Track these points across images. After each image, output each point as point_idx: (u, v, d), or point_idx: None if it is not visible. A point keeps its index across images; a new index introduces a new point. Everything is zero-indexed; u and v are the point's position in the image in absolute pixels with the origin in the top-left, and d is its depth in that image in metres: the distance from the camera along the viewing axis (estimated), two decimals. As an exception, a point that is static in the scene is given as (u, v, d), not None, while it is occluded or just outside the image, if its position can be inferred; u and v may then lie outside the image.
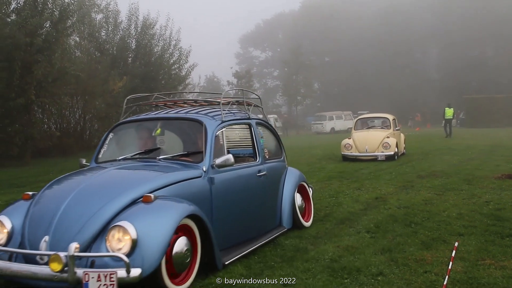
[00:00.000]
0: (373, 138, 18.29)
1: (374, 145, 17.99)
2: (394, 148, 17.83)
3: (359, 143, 18.30)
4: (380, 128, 19.76)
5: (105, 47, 33.10)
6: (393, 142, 17.96)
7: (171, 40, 36.50)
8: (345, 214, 8.53)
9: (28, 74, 20.58)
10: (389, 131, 18.88)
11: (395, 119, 20.01)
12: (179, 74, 36.81)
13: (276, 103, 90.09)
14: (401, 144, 19.80)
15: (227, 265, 5.63)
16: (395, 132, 19.14)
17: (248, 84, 62.72)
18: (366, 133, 19.01)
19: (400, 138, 19.92)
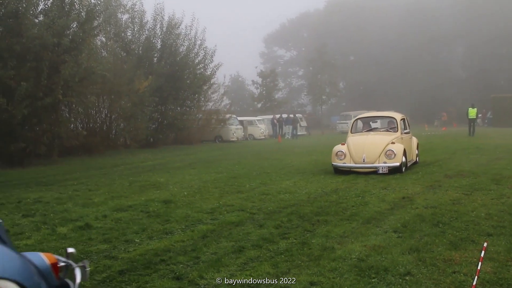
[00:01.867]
0: (373, 144, 14.68)
1: (374, 154, 14.31)
2: (401, 157, 14.16)
3: (355, 150, 14.52)
4: (384, 130, 16.17)
5: (131, 47, 33.35)
6: (399, 149, 14.31)
7: (196, 40, 36.68)
8: (371, 214, 8.46)
9: (55, 74, 20.79)
10: (395, 134, 15.22)
11: (404, 119, 16.51)
12: (204, 73, 36.94)
13: (301, 102, 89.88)
14: (412, 151, 16.25)
15: (254, 264, 5.63)
16: (404, 136, 15.63)
17: (272, 83, 62.70)
18: (365, 138, 15.28)
19: (411, 143, 16.43)
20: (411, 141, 16.38)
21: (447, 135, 37.54)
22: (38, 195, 11.54)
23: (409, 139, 16.14)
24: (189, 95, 36.30)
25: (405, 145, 15.03)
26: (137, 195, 11.24)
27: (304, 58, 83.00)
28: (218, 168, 16.95)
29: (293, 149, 27.46)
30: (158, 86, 31.49)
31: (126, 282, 5.21)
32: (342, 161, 14.43)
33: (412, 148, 16.39)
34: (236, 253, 6.21)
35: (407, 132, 16.19)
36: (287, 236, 7.04)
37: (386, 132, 15.75)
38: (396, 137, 15.06)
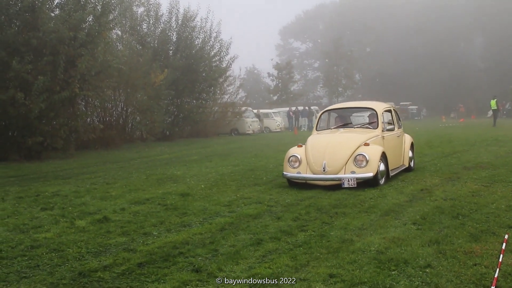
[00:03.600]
0: (339, 147, 10.90)
1: (338, 160, 10.59)
2: (376, 165, 10.40)
3: (313, 155, 10.83)
4: (359, 127, 12.24)
5: (146, 40, 33.43)
6: (374, 153, 10.55)
7: (212, 32, 36.67)
8: (390, 206, 8.40)
9: (72, 68, 20.87)
10: (373, 132, 11.51)
11: (391, 111, 12.79)
12: (219, 66, 36.96)
13: (317, 94, 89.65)
14: (401, 153, 12.60)
15: (272, 256, 5.62)
16: (387, 135, 11.86)
17: (288, 75, 62.56)
18: (330, 138, 11.50)
19: (401, 144, 12.74)
20: (399, 141, 12.64)
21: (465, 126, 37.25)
22: (56, 189, 11.61)
23: (395, 138, 12.31)
24: (204, 88, 36.33)
25: (388, 147, 11.43)
26: (154, 188, 11.26)
27: (320, 50, 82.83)
28: (235, 161, 16.94)
29: (309, 141, 27.31)
30: (174, 79, 31.55)
31: (145, 274, 5.22)
32: (296, 169, 10.76)
33: (402, 150, 12.69)
34: (254, 245, 6.19)
35: (391, 128, 12.35)
36: (305, 228, 7.01)
37: (362, 129, 11.94)
38: (374, 136, 11.30)
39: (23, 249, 6.34)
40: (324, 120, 13.11)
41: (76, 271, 5.38)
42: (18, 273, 5.45)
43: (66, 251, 6.20)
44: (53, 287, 4.96)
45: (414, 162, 13.39)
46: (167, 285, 4.88)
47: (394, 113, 12.79)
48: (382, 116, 11.88)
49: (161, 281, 4.99)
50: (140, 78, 27.95)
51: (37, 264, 5.72)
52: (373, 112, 12.13)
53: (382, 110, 12.10)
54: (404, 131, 13.49)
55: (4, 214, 8.77)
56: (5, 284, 5.12)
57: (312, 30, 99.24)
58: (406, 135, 13.39)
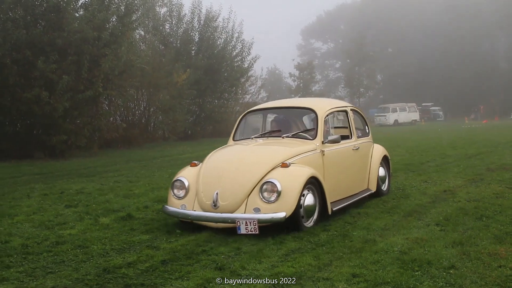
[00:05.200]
0: (242, 170, 7.25)
1: (236, 191, 7.00)
2: (294, 199, 6.79)
3: (204, 181, 7.32)
4: (290, 137, 8.27)
5: (169, 40, 33.67)
6: (291, 181, 6.94)
7: (234, 33, 36.77)
8: (412, 207, 8.37)
9: (95, 67, 21.08)
10: (306, 145, 7.89)
11: (348, 112, 9.18)
12: (241, 66, 37.04)
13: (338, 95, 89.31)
14: (365, 174, 9.28)
15: (295, 255, 5.65)
16: (329, 150, 8.09)
17: (310, 76, 62.48)
18: (234, 154, 7.85)
19: (367, 159, 9.43)
20: (360, 156, 9.11)
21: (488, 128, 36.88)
22: (80, 186, 11.74)
23: (349, 152, 8.75)
24: (226, 88, 36.45)
25: (333, 166, 8.05)
26: (176, 187, 11.31)
27: (341, 50, 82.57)
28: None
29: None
30: (196, 79, 31.69)
31: (168, 272, 5.26)
32: (180, 201, 7.30)
33: (367, 168, 9.35)
34: (277, 244, 6.21)
35: (345, 137, 8.83)
36: (327, 228, 7.02)
37: (293, 140, 8.18)
38: (305, 151, 7.71)
39: (48, 245, 6.43)
40: (252, 124, 9.47)
41: (100, 267, 5.45)
42: (44, 268, 5.53)
43: (90, 248, 6.28)
44: (78, 282, 5.03)
45: (389, 184, 9.99)
46: (191, 282, 4.92)
47: (352, 115, 9.21)
48: (324, 121, 8.20)
49: (184, 279, 5.04)
50: (162, 77, 28.14)
51: (63, 260, 5.80)
52: (311, 115, 8.55)
53: (327, 112, 8.36)
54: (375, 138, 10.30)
55: (29, 210, 8.90)
56: (32, 278, 5.21)
57: (334, 30, 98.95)
58: (375, 147, 9.83)
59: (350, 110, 9.32)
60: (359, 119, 9.79)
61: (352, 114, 9.26)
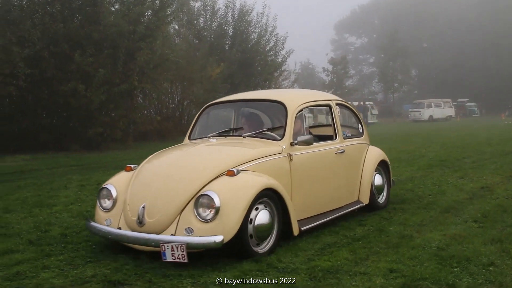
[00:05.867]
0: (177, 178, 5.77)
1: (166, 205, 5.46)
2: (237, 218, 5.24)
3: (132, 192, 5.85)
4: (255, 136, 6.70)
5: (203, 34, 33.81)
6: (234, 194, 5.40)
7: (268, 27, 36.71)
8: (449, 203, 8.26)
9: (131, 61, 21.33)
10: (267, 147, 6.31)
11: (332, 107, 7.49)
12: (275, 60, 36.97)
13: (372, 90, 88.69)
14: (355, 182, 7.66)
15: (331, 249, 5.64)
16: (303, 152, 6.55)
17: (343, 70, 62.13)
18: (172, 158, 6.57)
19: (358, 164, 7.81)
20: (347, 161, 7.46)
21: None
22: (116, 178, 11.86)
23: (333, 156, 7.14)
24: (260, 82, 36.44)
25: (304, 174, 6.50)
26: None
27: (375, 45, 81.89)
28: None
29: (364, 137, 27.08)
30: (229, 73, 31.76)
31: (206, 263, 5.30)
32: (106, 213, 5.95)
33: (357, 176, 7.73)
34: (312, 238, 6.21)
35: (328, 138, 7.42)
36: (363, 223, 6.99)
37: (254, 140, 6.63)
38: (265, 154, 6.18)
39: (87, 235, 6.53)
40: (219, 120, 7.95)
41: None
42: (83, 257, 5.62)
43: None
44: (117, 271, 5.10)
45: (388, 194, 8.28)
46: (228, 274, 4.95)
47: (338, 111, 7.55)
48: (296, 117, 6.61)
49: (221, 270, 5.07)
50: (196, 71, 28.28)
51: (101, 250, 5.89)
52: (280, 107, 6.76)
53: (299, 107, 6.71)
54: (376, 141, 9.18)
55: (67, 201, 9.06)
56: (72, 267, 5.30)
57: (368, 25, 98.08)
58: (371, 150, 8.21)
59: (335, 104, 7.55)
60: (352, 116, 8.35)
61: (337, 109, 7.51)
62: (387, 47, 68.87)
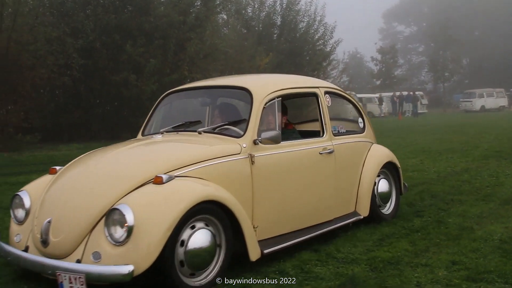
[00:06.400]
0: (89, 188, 4.47)
1: (74, 224, 4.22)
2: (158, 240, 3.95)
3: (41, 205, 4.59)
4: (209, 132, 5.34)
5: (251, 24, 33.78)
6: (156, 211, 4.08)
7: (316, 16, 36.42)
8: (508, 195, 8.06)
9: (181, 51, 21.52)
10: (219, 148, 4.91)
11: (320, 96, 6.01)
12: (323, 50, 36.68)
13: (422, 79, 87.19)
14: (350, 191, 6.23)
15: (390, 240, 5.57)
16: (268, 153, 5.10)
17: (392, 60, 61.30)
18: (93, 162, 4.96)
19: (356, 168, 6.39)
20: (341, 163, 6.04)
21: None
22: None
23: (316, 158, 5.72)
24: (308, 72, 36.13)
25: (278, 181, 5.21)
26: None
27: (425, 33, 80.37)
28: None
29: (414, 127, 26.77)
30: (278, 62, 31.67)
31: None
32: (19, 227, 4.74)
33: (356, 181, 6.36)
34: (370, 228, 6.14)
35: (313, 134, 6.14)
36: (421, 214, 6.88)
37: (209, 136, 5.29)
38: (217, 155, 4.81)
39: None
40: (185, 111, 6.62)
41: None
42: None
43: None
44: None
45: (398, 204, 6.88)
46: (287, 264, 4.94)
47: (327, 102, 6.07)
48: (265, 108, 5.23)
49: (281, 260, 5.05)
50: (245, 61, 28.30)
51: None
52: (245, 93, 5.38)
53: (269, 96, 5.32)
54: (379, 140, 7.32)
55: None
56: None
57: (417, 13, 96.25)
58: (374, 149, 6.76)
59: (324, 93, 6.09)
60: (350, 108, 6.96)
61: (326, 99, 6.07)
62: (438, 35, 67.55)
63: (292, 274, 4.69)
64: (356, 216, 6.17)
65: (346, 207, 6.17)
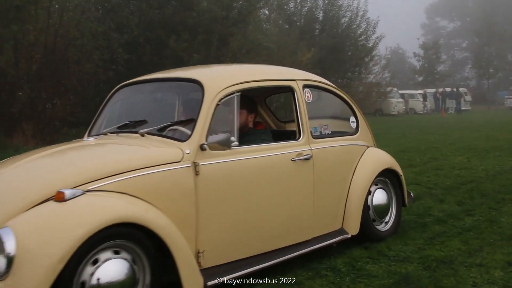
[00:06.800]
0: None
1: None
2: (50, 271, 3.05)
3: None
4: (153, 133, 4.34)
5: (293, 19, 33.73)
6: (49, 236, 3.16)
7: (358, 11, 36.15)
8: (562, 194, 7.85)
9: (224, 46, 21.58)
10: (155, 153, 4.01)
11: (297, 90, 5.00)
12: (366, 45, 36.37)
13: (464, 76, 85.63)
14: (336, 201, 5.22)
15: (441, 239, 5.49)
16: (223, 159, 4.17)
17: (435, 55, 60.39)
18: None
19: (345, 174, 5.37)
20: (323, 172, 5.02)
21: None
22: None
23: (286, 166, 4.66)
24: (350, 67, 35.98)
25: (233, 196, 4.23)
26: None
27: (469, 29, 78.88)
28: (384, 141, 16.61)
29: (458, 124, 26.30)
30: (320, 58, 31.53)
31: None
32: None
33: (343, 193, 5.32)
34: (420, 227, 6.05)
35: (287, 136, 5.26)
36: (471, 213, 6.74)
37: (150, 139, 4.29)
38: (147, 164, 3.84)
39: None
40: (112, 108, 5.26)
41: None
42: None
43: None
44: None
45: (398, 218, 5.87)
46: (338, 260, 4.92)
47: (306, 97, 5.08)
48: (218, 105, 4.26)
49: (331, 257, 5.02)
50: (287, 56, 28.23)
51: None
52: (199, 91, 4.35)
53: (225, 90, 4.35)
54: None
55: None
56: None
57: (461, 8, 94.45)
58: (369, 153, 5.69)
59: (303, 86, 5.06)
60: (341, 105, 5.80)
61: (305, 94, 5.07)
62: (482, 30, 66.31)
63: (344, 271, 4.66)
64: (342, 234, 5.14)
65: (330, 224, 5.15)
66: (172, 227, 3.66)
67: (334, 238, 5.03)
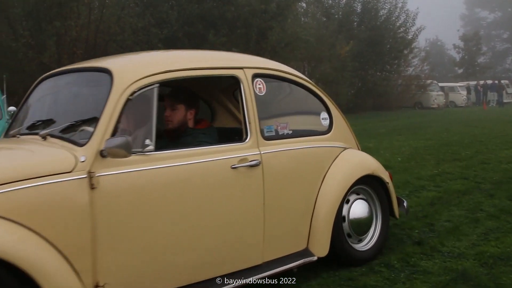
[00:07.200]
0: None
1: None
2: None
3: None
4: (54, 135, 3.43)
5: (331, 12, 33.51)
6: None
7: (397, 3, 35.71)
8: None
9: (263, 40, 21.58)
10: (34, 162, 3.11)
11: (249, 79, 4.04)
12: (405, 37, 35.93)
13: (506, 67, 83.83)
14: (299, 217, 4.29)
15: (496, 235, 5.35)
16: (129, 169, 3.27)
17: (476, 47, 59.25)
18: None
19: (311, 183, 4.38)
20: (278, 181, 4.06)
21: None
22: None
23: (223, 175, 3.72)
24: (389, 60, 35.59)
25: (144, 215, 3.30)
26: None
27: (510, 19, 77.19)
28: (426, 135, 16.40)
29: (501, 117, 25.74)
30: (358, 51, 31.28)
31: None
32: None
33: (309, 207, 4.34)
34: (472, 222, 5.90)
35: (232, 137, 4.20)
36: (523, 207, 6.57)
37: (55, 141, 3.37)
38: (28, 174, 2.93)
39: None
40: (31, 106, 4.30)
41: None
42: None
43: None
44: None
45: (385, 233, 4.92)
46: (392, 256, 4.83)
47: (254, 90, 4.05)
48: (131, 100, 3.35)
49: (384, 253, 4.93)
50: (325, 50, 28.11)
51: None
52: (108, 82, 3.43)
53: (141, 82, 3.42)
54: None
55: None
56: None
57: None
58: (344, 157, 4.70)
59: (252, 76, 4.10)
60: (306, 99, 4.79)
61: (256, 86, 4.12)
62: (524, 21, 64.77)
63: (398, 267, 4.57)
64: (305, 257, 4.21)
65: (291, 245, 4.24)
66: (48, 258, 2.87)
67: (294, 262, 4.11)
